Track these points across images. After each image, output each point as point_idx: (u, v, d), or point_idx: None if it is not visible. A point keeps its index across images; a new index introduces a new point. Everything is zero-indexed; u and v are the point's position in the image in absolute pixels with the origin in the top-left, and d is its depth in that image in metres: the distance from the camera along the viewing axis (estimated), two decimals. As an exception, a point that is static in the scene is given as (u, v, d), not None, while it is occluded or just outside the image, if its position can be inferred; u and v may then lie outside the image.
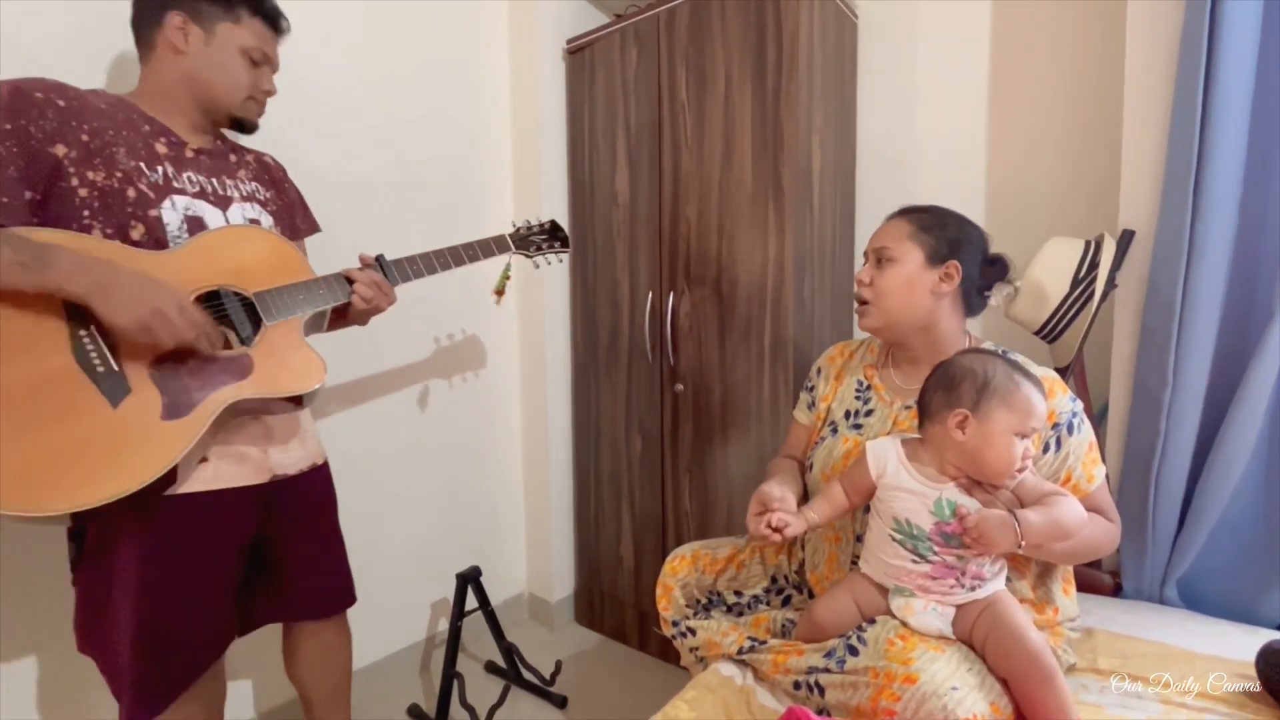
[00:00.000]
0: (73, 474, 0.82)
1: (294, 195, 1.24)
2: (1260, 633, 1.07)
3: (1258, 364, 1.08)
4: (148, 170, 0.95)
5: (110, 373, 0.86)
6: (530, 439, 2.13)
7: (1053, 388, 0.96)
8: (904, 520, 0.93)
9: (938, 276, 1.02)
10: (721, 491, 1.71)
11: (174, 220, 0.96)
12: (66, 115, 0.88)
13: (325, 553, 1.21)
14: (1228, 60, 1.07)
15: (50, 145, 0.86)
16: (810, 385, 1.24)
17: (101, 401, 0.85)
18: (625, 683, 1.82)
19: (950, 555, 0.89)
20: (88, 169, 0.89)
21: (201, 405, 0.92)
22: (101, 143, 0.91)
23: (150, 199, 0.94)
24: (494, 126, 2.02)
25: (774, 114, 1.52)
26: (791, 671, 0.94)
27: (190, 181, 1.00)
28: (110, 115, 0.94)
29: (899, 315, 1.04)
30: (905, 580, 0.93)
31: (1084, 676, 1.00)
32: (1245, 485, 1.14)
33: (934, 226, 1.04)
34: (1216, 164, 1.09)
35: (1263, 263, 1.12)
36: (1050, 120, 1.52)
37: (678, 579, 1.18)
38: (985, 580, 0.90)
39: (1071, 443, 0.94)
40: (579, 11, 2.02)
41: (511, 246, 1.38)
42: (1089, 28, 1.45)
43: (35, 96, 0.86)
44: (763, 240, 1.56)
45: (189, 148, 1.03)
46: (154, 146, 0.98)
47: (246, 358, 0.97)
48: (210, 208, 1.02)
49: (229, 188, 1.06)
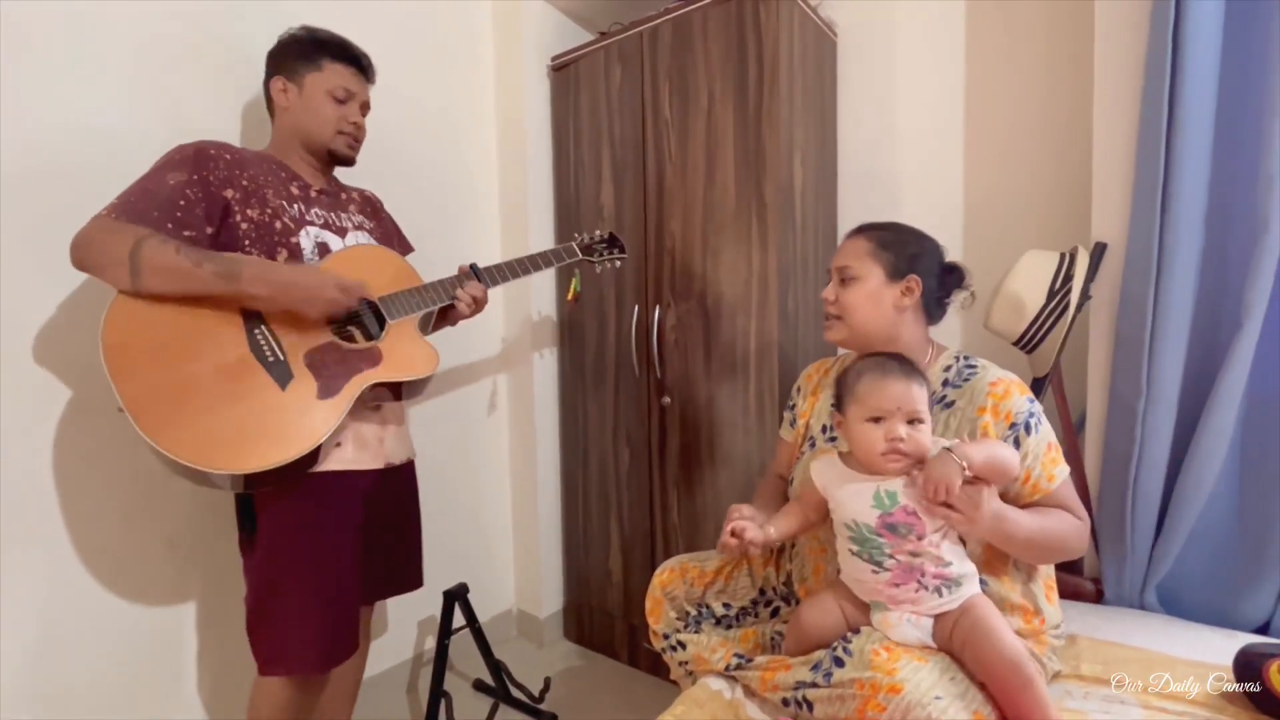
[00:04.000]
0: (257, 440, 1.02)
1: (390, 223, 1.45)
2: (1238, 636, 1.09)
3: (1228, 372, 1.11)
4: (288, 207, 1.18)
5: (278, 362, 1.07)
6: (517, 454, 2.12)
7: (1009, 389, 0.98)
8: (853, 523, 0.95)
9: (899, 291, 1.05)
10: (709, 504, 1.71)
11: (308, 245, 1.18)
12: (232, 166, 1.12)
13: (405, 539, 1.38)
14: (1192, 77, 1.11)
15: (223, 190, 1.09)
16: (791, 404, 1.26)
17: (273, 385, 1.06)
18: (615, 698, 1.80)
19: (902, 554, 0.91)
20: (248, 208, 1.12)
21: (347, 387, 1.12)
22: (256, 186, 1.14)
23: (291, 229, 1.16)
24: (480, 143, 2.03)
25: (756, 131, 1.55)
26: (780, 688, 0.94)
27: (317, 216, 1.22)
28: (260, 165, 1.17)
29: (865, 329, 1.07)
30: (874, 595, 0.95)
31: (1067, 683, 1.01)
32: (1219, 491, 1.17)
33: (893, 243, 1.07)
34: (1183, 177, 1.13)
35: (1230, 273, 1.15)
36: (1024, 137, 1.56)
37: (667, 592, 1.19)
38: (950, 580, 0.90)
39: (1030, 443, 0.95)
40: (563, 29, 2.05)
41: (579, 254, 1.54)
42: (1059, 48, 1.49)
43: (210, 153, 1.10)
44: (746, 254, 1.58)
45: (313, 190, 1.25)
46: (290, 189, 1.20)
47: (377, 349, 1.18)
48: (332, 235, 1.23)
49: (344, 219, 1.28)
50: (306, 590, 1.11)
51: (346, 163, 1.30)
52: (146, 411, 0.97)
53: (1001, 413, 0.96)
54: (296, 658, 1.11)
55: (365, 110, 1.30)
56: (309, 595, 1.11)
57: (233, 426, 1.02)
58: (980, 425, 0.97)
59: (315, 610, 1.11)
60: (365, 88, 1.30)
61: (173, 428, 0.98)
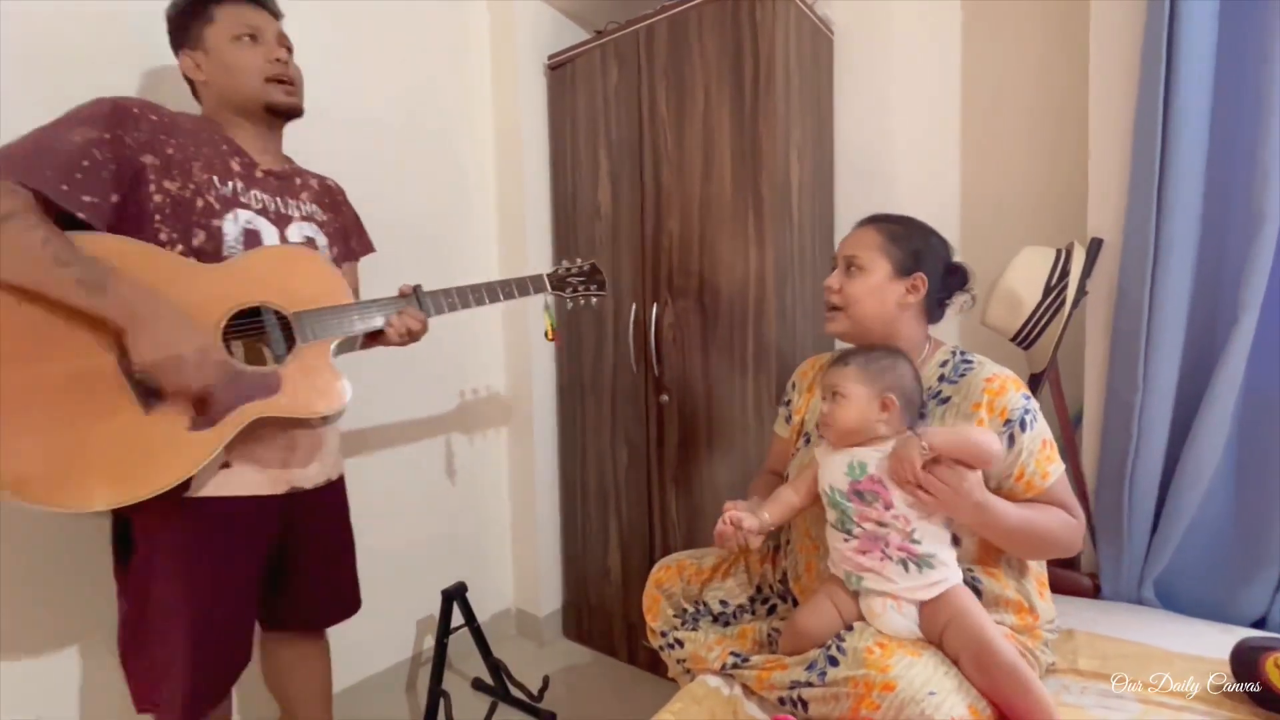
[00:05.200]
0: (96, 473, 0.86)
1: (350, 217, 1.30)
2: (1234, 630, 1.10)
3: (1224, 367, 1.11)
4: (219, 184, 1.03)
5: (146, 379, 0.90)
6: (516, 451, 2.12)
7: (1004, 385, 0.98)
8: (829, 488, 0.99)
9: (904, 288, 1.05)
10: (708, 501, 1.71)
11: (233, 232, 1.03)
12: (157, 130, 0.97)
13: (337, 564, 1.25)
14: (1187, 72, 1.11)
15: (140, 154, 0.94)
16: (787, 400, 1.26)
17: (135, 406, 0.89)
18: (614, 697, 1.80)
19: (868, 522, 0.94)
20: (165, 179, 0.96)
21: (226, 419, 0.95)
22: (183, 157, 0.99)
23: (215, 210, 1.01)
24: (477, 142, 2.03)
25: (752, 128, 1.55)
26: (775, 687, 0.94)
27: (255, 199, 1.07)
28: (195, 134, 1.03)
29: (867, 323, 1.06)
30: (845, 564, 0.97)
31: (1064, 678, 1.02)
32: (1216, 486, 1.17)
33: (902, 238, 1.07)
34: (1178, 172, 1.13)
35: (1226, 268, 1.15)
36: (1021, 133, 1.56)
37: (664, 589, 1.19)
38: (916, 557, 0.91)
39: (1024, 439, 0.95)
40: (560, 28, 2.05)
41: (548, 287, 1.38)
42: (1056, 44, 1.49)
43: (133, 111, 0.95)
44: (744, 251, 1.58)
45: (259, 169, 1.10)
46: (229, 164, 1.05)
47: (275, 375, 1.01)
48: (269, 225, 1.08)
49: (290, 207, 1.13)
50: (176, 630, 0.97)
51: (293, 113, 1.13)
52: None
53: (997, 409, 0.96)
54: (165, 703, 0.99)
55: (285, 45, 1.12)
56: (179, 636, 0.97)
57: (72, 450, 0.84)
58: (976, 420, 0.97)
59: (184, 653, 0.97)
60: (272, 20, 1.11)
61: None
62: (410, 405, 1.86)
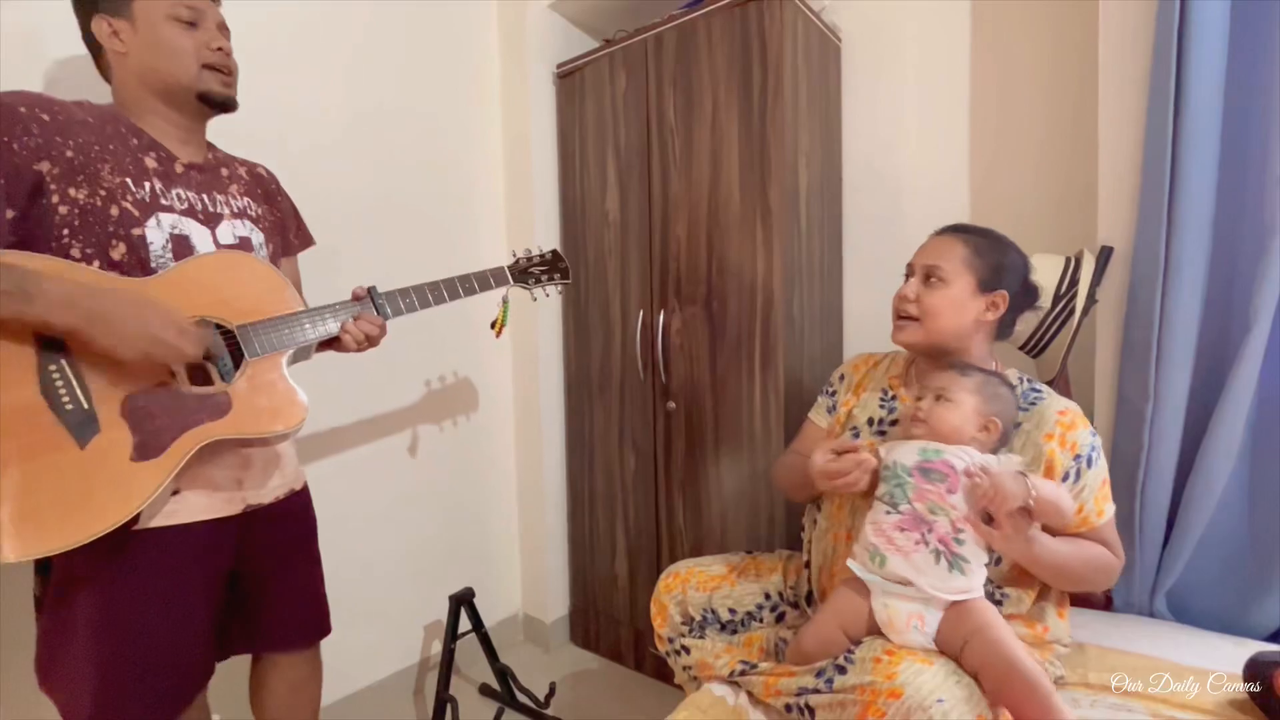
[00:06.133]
0: (33, 519, 0.76)
1: (287, 208, 1.20)
2: (1248, 644, 1.08)
3: (1236, 376, 1.10)
4: (134, 187, 0.91)
5: (78, 410, 0.81)
6: (523, 458, 2.13)
7: (1075, 420, 0.99)
8: (892, 464, 0.98)
9: (984, 305, 1.03)
10: (715, 508, 1.71)
11: (158, 240, 0.92)
12: (51, 131, 0.85)
13: (302, 582, 1.16)
14: (1198, 78, 1.10)
15: (34, 162, 0.83)
16: (831, 390, 1.25)
17: (68, 440, 0.80)
18: (621, 704, 1.80)
19: (922, 502, 0.94)
20: (70, 186, 0.85)
21: (174, 446, 0.86)
22: (86, 159, 0.87)
23: (134, 217, 0.90)
24: (486, 149, 2.05)
25: (760, 135, 1.55)
26: (783, 694, 0.94)
27: (179, 199, 0.96)
28: (98, 129, 0.90)
29: (941, 337, 1.04)
30: (879, 539, 0.96)
31: (1075, 690, 1.01)
32: (1229, 497, 1.15)
33: (986, 252, 1.04)
34: (1189, 180, 1.12)
35: (1238, 276, 1.14)
36: (1030, 140, 1.55)
37: (672, 596, 1.19)
38: (954, 555, 0.91)
39: (1089, 476, 0.96)
40: (568, 37, 2.07)
41: (509, 279, 1.33)
42: (1066, 49, 1.49)
43: (19, 111, 0.83)
44: (752, 259, 1.59)
45: (179, 163, 0.99)
46: (143, 161, 0.94)
47: (225, 395, 0.93)
48: (198, 226, 0.97)
49: (219, 204, 1.02)
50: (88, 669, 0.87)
51: (225, 105, 1.02)
52: None
53: (1068, 443, 0.97)
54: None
55: (225, 34, 1.02)
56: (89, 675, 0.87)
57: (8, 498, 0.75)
58: (1046, 452, 0.97)
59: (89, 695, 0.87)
60: (213, 7, 1.00)
61: None
62: (417, 411, 1.87)
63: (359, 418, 1.72)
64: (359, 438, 1.72)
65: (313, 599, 1.18)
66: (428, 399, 1.89)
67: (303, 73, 1.55)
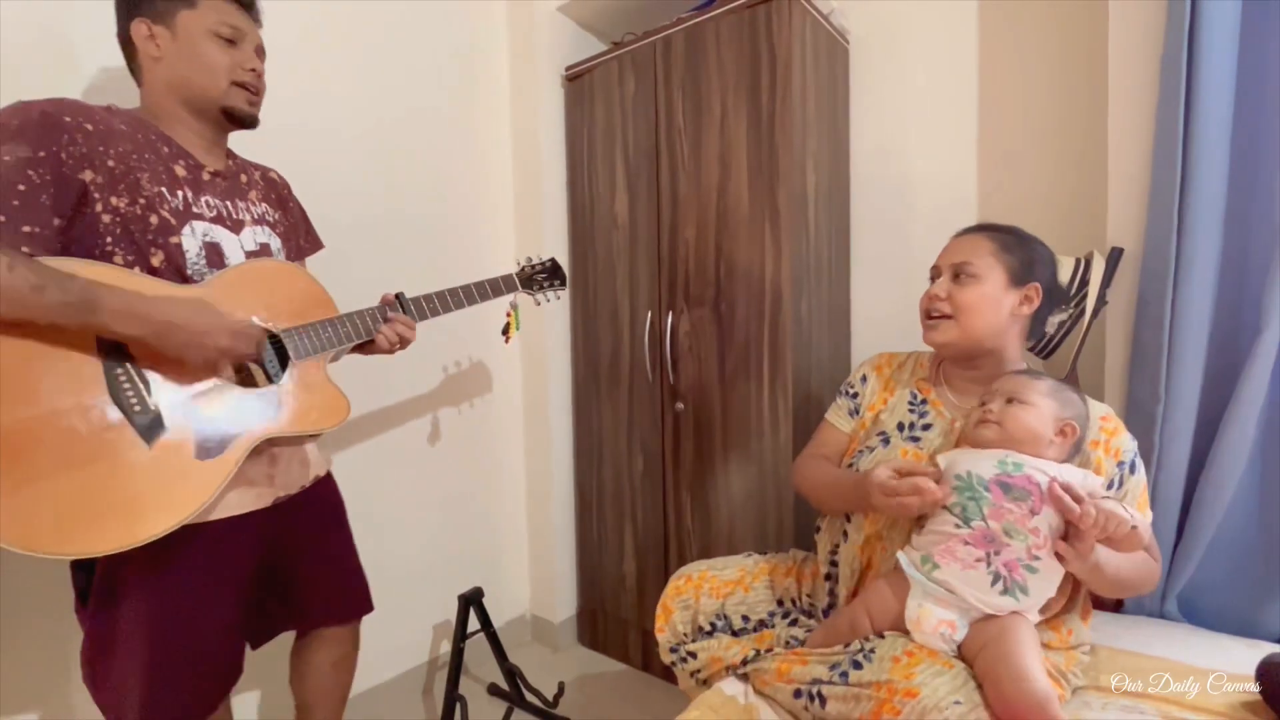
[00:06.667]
0: (109, 516, 0.81)
1: (298, 213, 1.23)
2: (1261, 646, 1.08)
3: (1248, 377, 1.10)
4: (169, 195, 0.94)
5: (146, 411, 0.85)
6: (532, 459, 2.14)
7: (1118, 426, 0.99)
8: (965, 474, 0.92)
9: (1018, 298, 1.02)
10: (723, 509, 1.71)
11: (193, 247, 0.95)
12: (95, 141, 0.87)
13: (338, 555, 1.21)
14: (1208, 78, 1.10)
15: (79, 171, 0.85)
16: (853, 392, 1.20)
17: (137, 441, 0.84)
18: (629, 704, 1.80)
19: (997, 520, 0.88)
20: (112, 195, 0.88)
21: (234, 444, 0.92)
22: (126, 168, 0.89)
23: (171, 225, 0.93)
24: (495, 151, 2.06)
25: (769, 138, 1.56)
26: (794, 680, 0.93)
27: (208, 206, 0.99)
28: (132, 137, 0.93)
29: (977, 333, 1.02)
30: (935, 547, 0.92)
31: (1086, 694, 1.00)
32: (1240, 498, 1.15)
33: (1015, 246, 1.03)
34: (1200, 181, 1.12)
35: (1249, 277, 1.14)
36: (1038, 141, 1.55)
37: (682, 600, 1.18)
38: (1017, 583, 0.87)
39: (1131, 482, 0.95)
40: (577, 40, 2.08)
41: (519, 286, 1.41)
42: (1074, 50, 1.49)
43: (65, 121, 0.85)
44: (760, 261, 1.59)
45: (206, 170, 1.02)
46: (174, 170, 0.97)
47: (274, 395, 0.99)
48: (226, 233, 1.01)
49: (241, 210, 1.05)
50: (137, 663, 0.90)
51: (247, 123, 1.05)
52: None
53: (1113, 449, 0.96)
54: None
55: (261, 56, 1.06)
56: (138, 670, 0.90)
57: (76, 497, 0.78)
58: (1094, 459, 0.96)
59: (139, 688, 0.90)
60: (254, 28, 1.05)
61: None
62: (427, 412, 1.88)
63: (367, 419, 1.73)
64: (368, 439, 1.73)
65: (351, 572, 1.22)
66: (436, 400, 1.90)
67: (311, 75, 1.56)
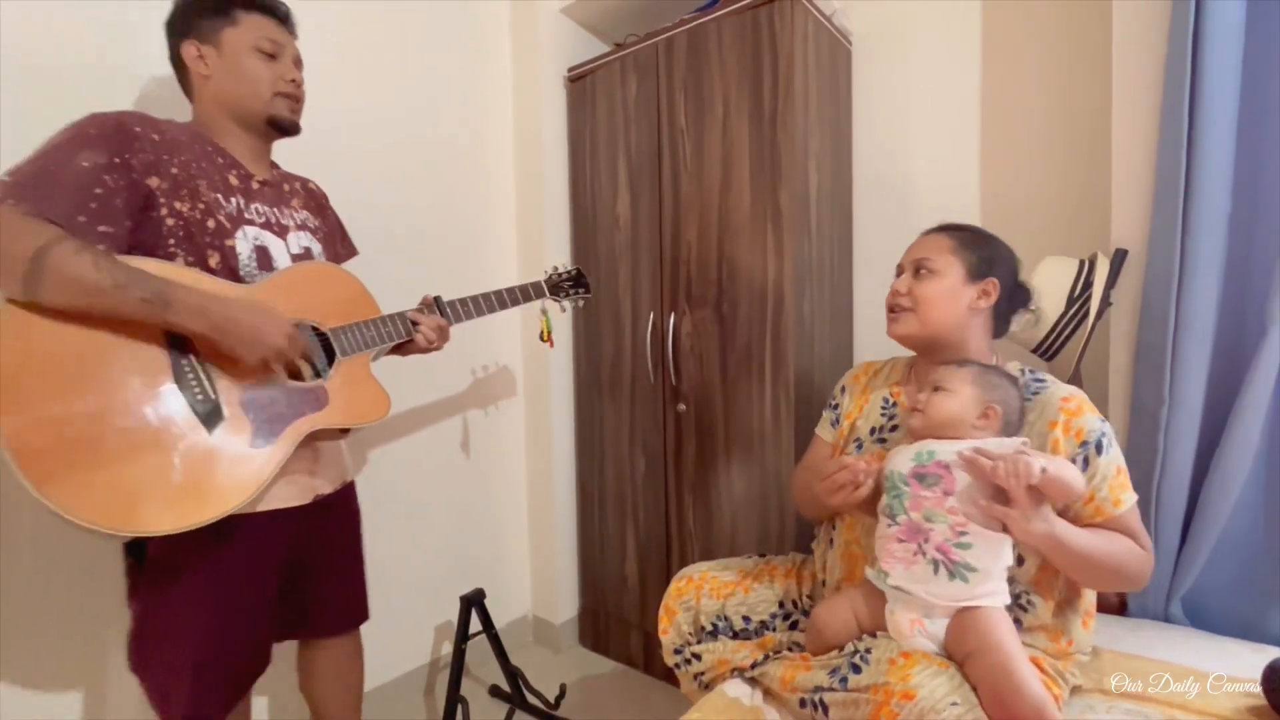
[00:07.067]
0: (173, 497, 0.86)
1: (335, 221, 1.30)
2: (1266, 650, 1.07)
3: (1253, 379, 1.09)
4: (224, 202, 1.01)
5: (207, 400, 0.91)
6: (534, 460, 2.14)
7: (1081, 406, 0.97)
8: (890, 473, 0.98)
9: (976, 293, 1.04)
10: (725, 510, 1.71)
11: (245, 250, 1.02)
12: (160, 149, 0.94)
13: (348, 570, 1.25)
14: (1213, 78, 1.10)
15: (146, 177, 0.91)
16: (834, 403, 1.25)
17: (199, 428, 0.90)
18: (631, 706, 1.80)
19: (918, 511, 0.93)
20: (175, 200, 0.94)
21: (285, 433, 0.98)
22: (187, 175, 0.96)
23: (226, 229, 1.00)
24: (497, 153, 2.06)
25: (771, 139, 1.55)
26: (799, 689, 0.94)
27: (257, 213, 1.06)
28: (191, 148, 0.99)
29: (936, 324, 1.05)
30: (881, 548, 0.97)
31: (1090, 697, 1.00)
32: (1245, 501, 1.14)
33: (974, 243, 1.06)
34: (1204, 182, 1.11)
35: (1254, 278, 1.14)
36: (1042, 141, 1.55)
37: (683, 601, 1.18)
38: (954, 563, 0.89)
39: (1100, 463, 0.93)
40: (579, 41, 2.08)
41: (547, 292, 1.49)
42: (1078, 51, 1.48)
43: (135, 130, 0.92)
44: (762, 262, 1.59)
45: (255, 180, 1.08)
46: (228, 179, 1.03)
47: (322, 390, 1.05)
48: (273, 238, 1.07)
49: (286, 217, 1.12)
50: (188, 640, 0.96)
51: (290, 130, 1.12)
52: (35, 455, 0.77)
53: (1073, 429, 0.95)
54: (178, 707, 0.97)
55: (299, 66, 1.12)
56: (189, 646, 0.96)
57: (145, 479, 0.84)
58: (1050, 440, 0.95)
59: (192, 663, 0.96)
60: (291, 40, 1.11)
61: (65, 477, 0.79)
62: (429, 413, 1.88)
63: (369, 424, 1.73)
64: (370, 442, 1.73)
65: (357, 586, 1.27)
66: (438, 401, 1.90)
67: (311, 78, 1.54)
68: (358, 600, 1.28)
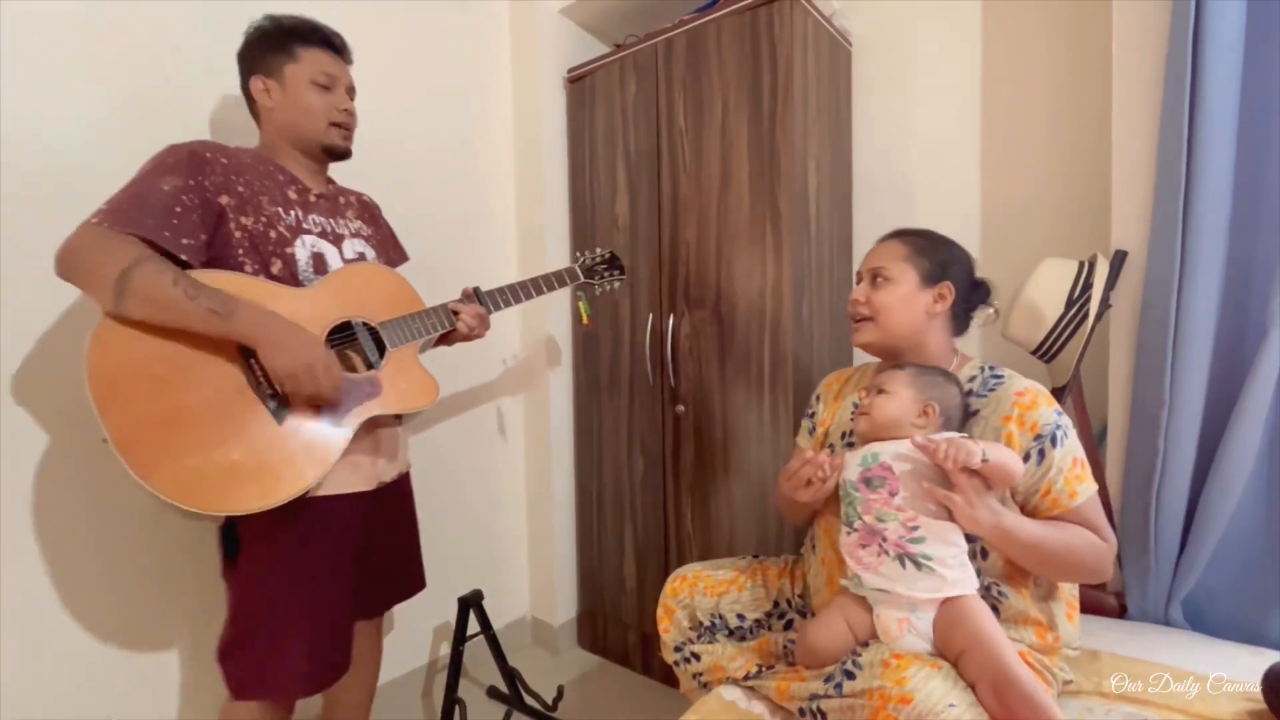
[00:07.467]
0: (249, 480, 0.98)
1: (387, 230, 1.40)
2: (1266, 654, 1.06)
3: (1254, 381, 1.09)
4: (284, 214, 1.12)
5: (276, 395, 1.02)
6: (532, 461, 2.14)
7: (1035, 399, 0.97)
8: (844, 482, 1.01)
9: (932, 297, 1.06)
10: (723, 512, 1.71)
11: (303, 256, 1.13)
12: (228, 171, 1.07)
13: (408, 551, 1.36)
14: (1213, 79, 1.09)
15: (218, 196, 1.04)
16: (811, 411, 1.26)
17: (270, 419, 1.01)
18: (629, 708, 1.80)
19: (870, 514, 0.96)
20: (242, 215, 1.07)
21: (346, 419, 1.09)
22: (252, 193, 1.08)
23: (287, 239, 1.11)
24: (497, 153, 2.06)
25: (770, 140, 1.55)
26: (795, 698, 0.94)
27: (314, 223, 1.17)
28: (255, 169, 1.11)
29: (895, 331, 1.07)
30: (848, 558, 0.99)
31: (1090, 699, 0.99)
32: (1246, 504, 1.14)
33: (928, 249, 1.08)
34: (1204, 183, 1.11)
35: (1254, 280, 1.13)
36: (1042, 143, 1.55)
37: (679, 600, 1.19)
38: (912, 555, 0.91)
39: (1055, 455, 0.93)
40: (579, 42, 2.08)
41: (580, 276, 1.54)
42: (1077, 52, 1.48)
43: (206, 156, 1.05)
44: (761, 263, 1.59)
45: (312, 194, 1.20)
46: (287, 194, 1.15)
47: (376, 379, 1.14)
48: (329, 245, 1.18)
49: (341, 226, 1.23)
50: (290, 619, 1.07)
51: (343, 156, 1.24)
52: (136, 447, 0.91)
53: (1027, 423, 0.95)
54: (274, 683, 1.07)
55: (352, 94, 1.23)
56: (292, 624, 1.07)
57: (227, 465, 0.97)
58: (1004, 434, 0.96)
59: (298, 637, 1.07)
60: (345, 70, 1.22)
61: (163, 466, 0.92)
62: (428, 414, 1.88)
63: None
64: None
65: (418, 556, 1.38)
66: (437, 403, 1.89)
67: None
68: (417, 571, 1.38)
